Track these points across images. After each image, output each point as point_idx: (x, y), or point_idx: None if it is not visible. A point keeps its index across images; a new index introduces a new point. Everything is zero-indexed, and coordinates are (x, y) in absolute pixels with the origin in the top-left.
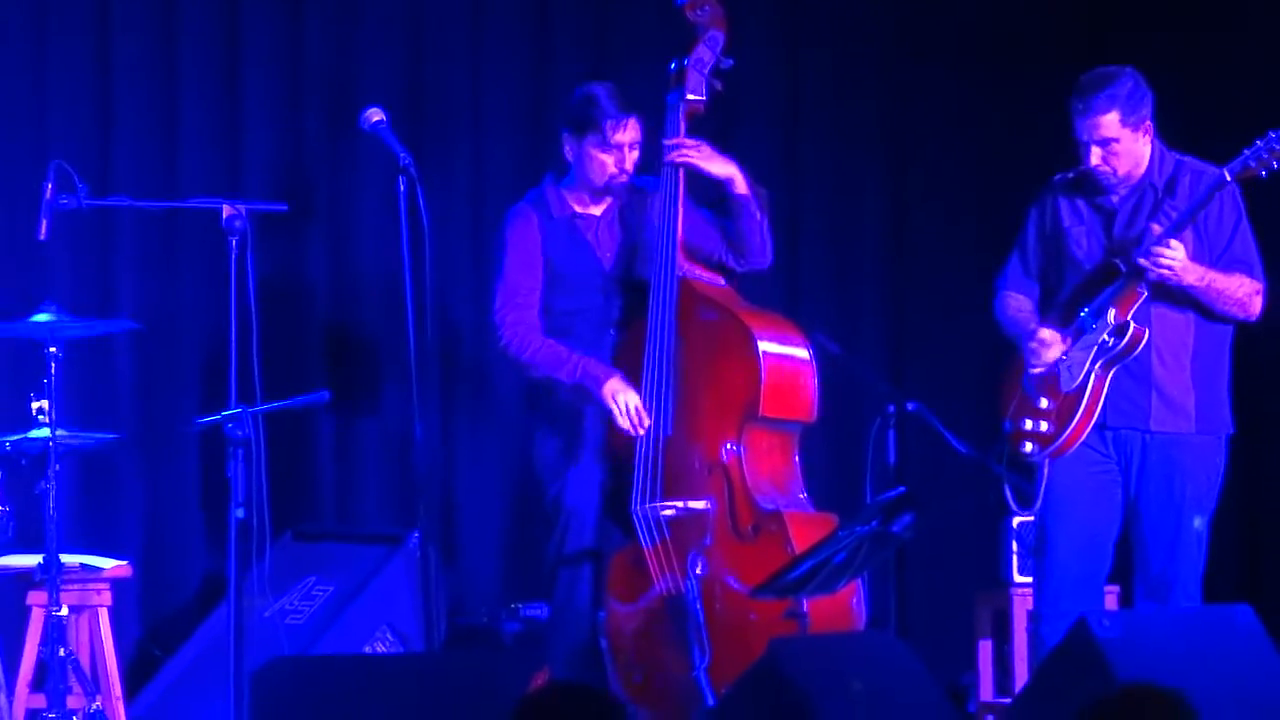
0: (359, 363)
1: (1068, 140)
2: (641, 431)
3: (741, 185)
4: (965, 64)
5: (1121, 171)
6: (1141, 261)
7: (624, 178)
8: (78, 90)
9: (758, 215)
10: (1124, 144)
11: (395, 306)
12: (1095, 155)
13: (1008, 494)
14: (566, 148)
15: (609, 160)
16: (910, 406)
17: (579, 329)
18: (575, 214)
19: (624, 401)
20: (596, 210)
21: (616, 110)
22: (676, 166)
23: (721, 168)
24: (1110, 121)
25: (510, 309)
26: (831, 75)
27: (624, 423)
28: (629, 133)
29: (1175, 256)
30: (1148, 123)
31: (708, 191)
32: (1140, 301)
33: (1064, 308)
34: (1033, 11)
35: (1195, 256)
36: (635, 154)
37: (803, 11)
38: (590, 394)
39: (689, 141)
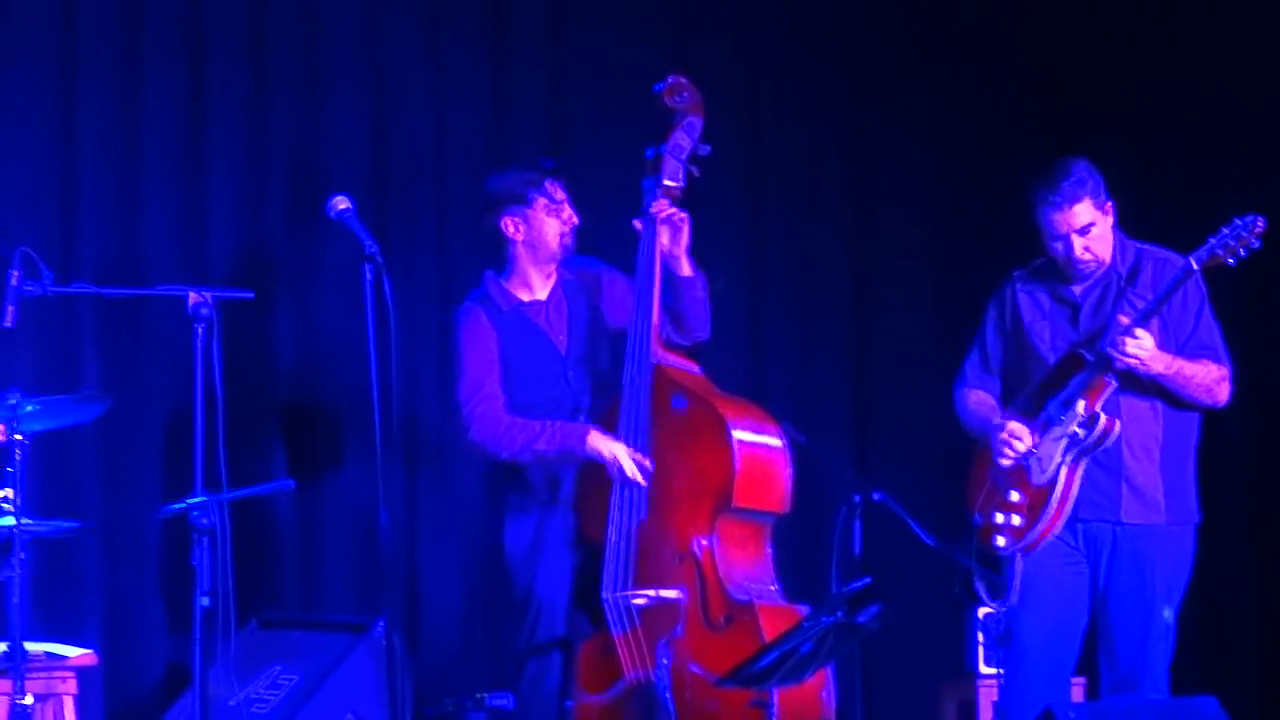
0: (324, 449)
1: (1029, 224)
2: (644, 476)
3: (688, 268)
4: (928, 145)
5: (1102, 257)
6: (1110, 351)
7: (569, 237)
8: (42, 176)
9: (699, 294)
10: (1100, 228)
11: (361, 392)
12: (1078, 246)
13: (978, 587)
14: (512, 228)
15: (557, 220)
16: (876, 496)
17: (549, 416)
18: (521, 303)
19: (609, 451)
20: (542, 295)
21: (539, 172)
22: (655, 237)
23: (683, 244)
24: (1084, 208)
25: (476, 402)
26: (793, 154)
27: (626, 475)
28: (560, 189)
29: (1144, 346)
30: (1110, 204)
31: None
32: (1109, 391)
33: (1029, 400)
34: (997, 94)
35: (1161, 344)
36: (570, 211)
37: (765, 86)
38: (574, 456)
39: (673, 210)
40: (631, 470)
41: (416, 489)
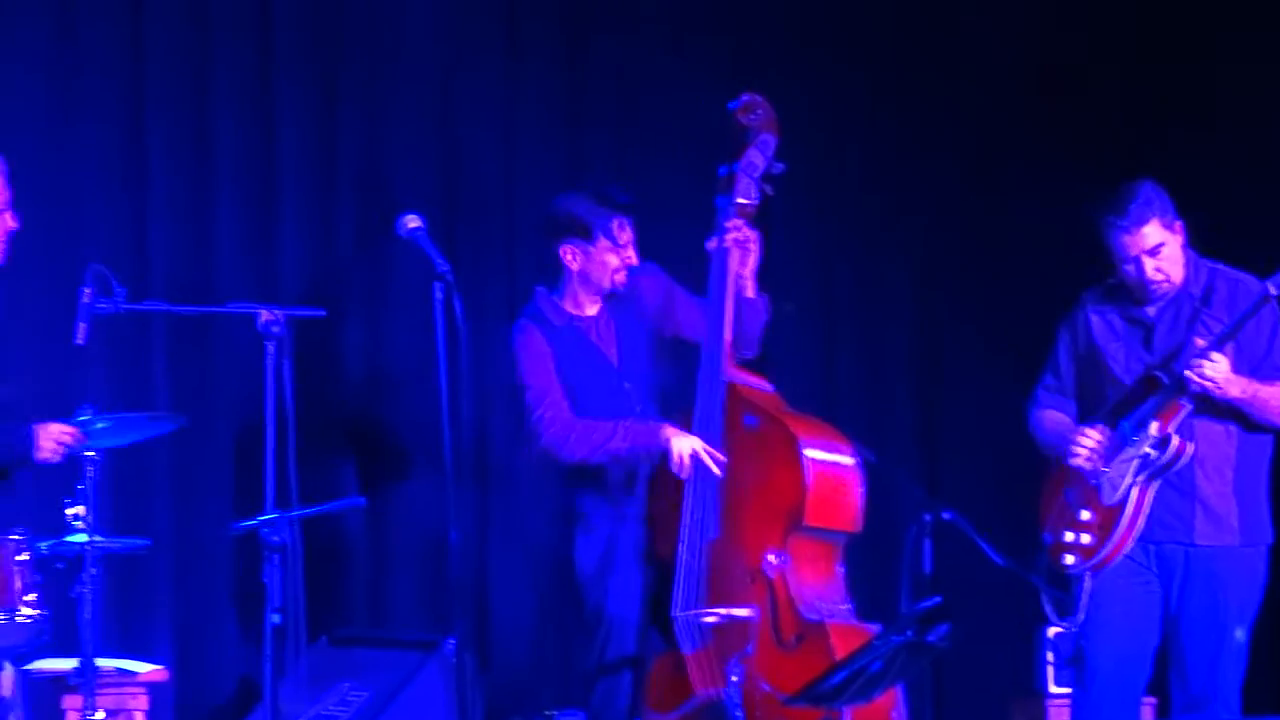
0: (394, 466)
1: (1097, 242)
2: (718, 470)
3: (752, 290)
4: (1002, 162)
5: (1175, 277)
6: (1185, 375)
7: (624, 275)
8: (115, 194)
9: (760, 316)
10: (1169, 248)
11: (431, 410)
12: (1149, 268)
13: (1046, 605)
14: (570, 256)
15: (617, 259)
16: (946, 515)
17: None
18: (573, 318)
19: (687, 448)
20: (591, 311)
21: (616, 212)
22: (727, 259)
23: (751, 267)
24: (1153, 229)
25: (545, 409)
26: (864, 175)
27: (686, 467)
28: (627, 231)
29: (1219, 370)
30: (1179, 223)
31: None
32: (1183, 414)
33: (1104, 421)
34: (1072, 114)
35: (1235, 367)
36: (632, 252)
37: (836, 106)
38: (649, 451)
39: (746, 231)
40: (708, 461)
41: (487, 506)
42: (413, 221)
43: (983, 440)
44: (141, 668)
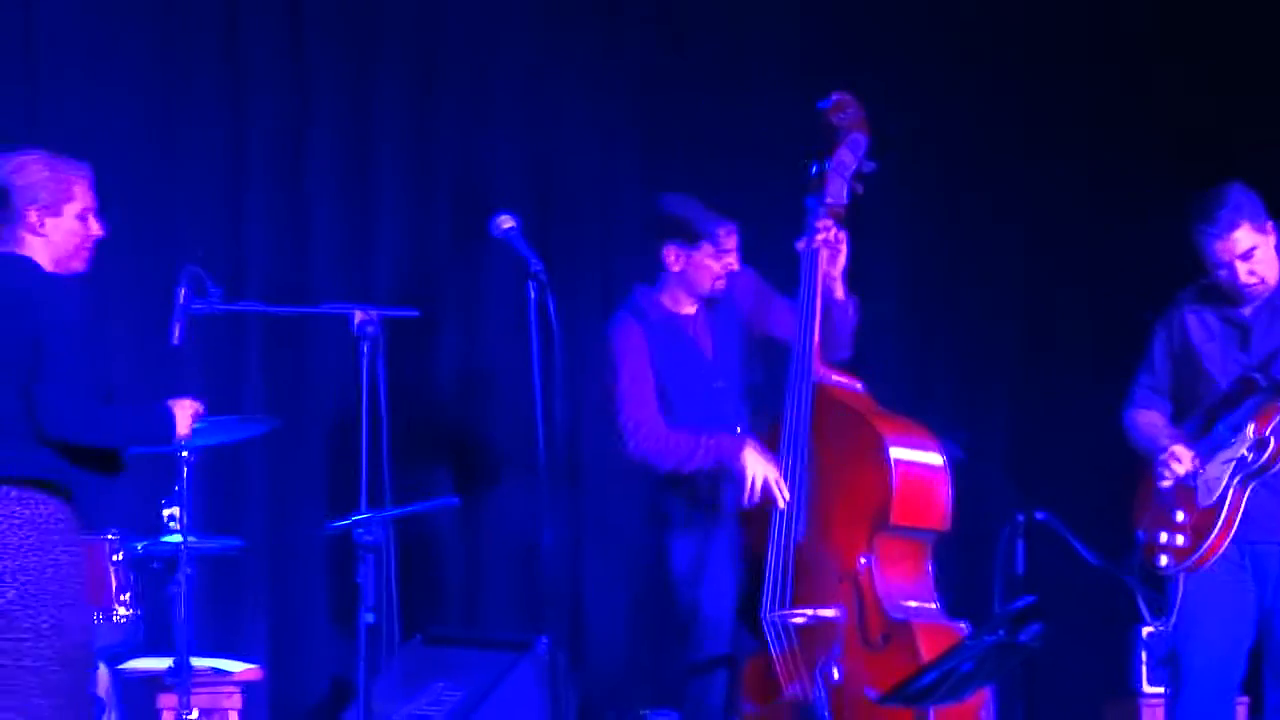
0: (488, 466)
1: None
2: (782, 504)
3: (841, 291)
4: (1099, 163)
5: (1270, 279)
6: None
7: (723, 282)
8: (210, 195)
9: (850, 317)
10: (1262, 250)
11: (524, 410)
12: (1242, 271)
13: (1141, 605)
14: (672, 257)
15: (719, 266)
16: (1039, 515)
17: (702, 420)
18: (670, 314)
19: (761, 476)
20: (689, 310)
21: (724, 219)
22: (816, 260)
23: (840, 267)
24: (1244, 233)
25: (634, 414)
26: (961, 174)
27: (754, 496)
28: (733, 238)
29: None
30: (1270, 224)
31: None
32: None
33: (1199, 422)
34: (1168, 113)
35: None
36: (735, 259)
37: (931, 105)
38: (729, 470)
39: (835, 232)
40: (775, 492)
41: (580, 506)
42: (506, 222)
43: (1078, 439)
44: (236, 667)
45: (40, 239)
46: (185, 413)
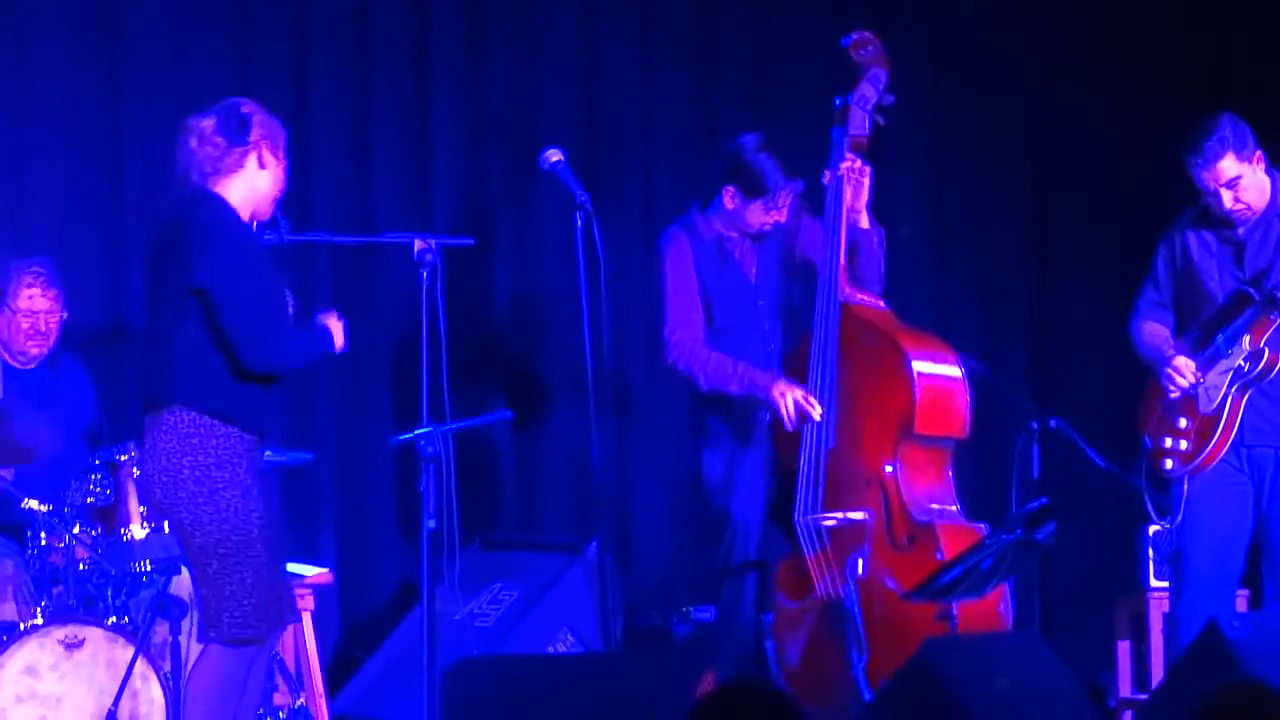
0: (540, 384)
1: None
2: (817, 416)
3: (866, 221)
4: (1107, 92)
5: (1257, 205)
6: (1274, 293)
7: (770, 228)
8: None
9: (876, 248)
10: (1247, 179)
11: (573, 332)
12: (1227, 199)
13: (1148, 505)
14: (729, 199)
15: (769, 219)
16: (1053, 423)
17: (738, 345)
18: (721, 234)
19: (791, 399)
20: (736, 235)
21: (785, 180)
22: (840, 189)
23: (864, 200)
24: (1229, 163)
25: (677, 327)
26: (976, 104)
27: (791, 418)
28: (790, 199)
29: None
30: (1258, 153)
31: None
32: (1273, 329)
33: (1199, 334)
34: (1166, 50)
35: None
36: (785, 215)
37: (946, 38)
38: (759, 399)
39: (859, 165)
40: (807, 407)
41: (626, 419)
42: (554, 156)
43: (1090, 352)
44: (308, 571)
45: (247, 179)
46: (338, 326)
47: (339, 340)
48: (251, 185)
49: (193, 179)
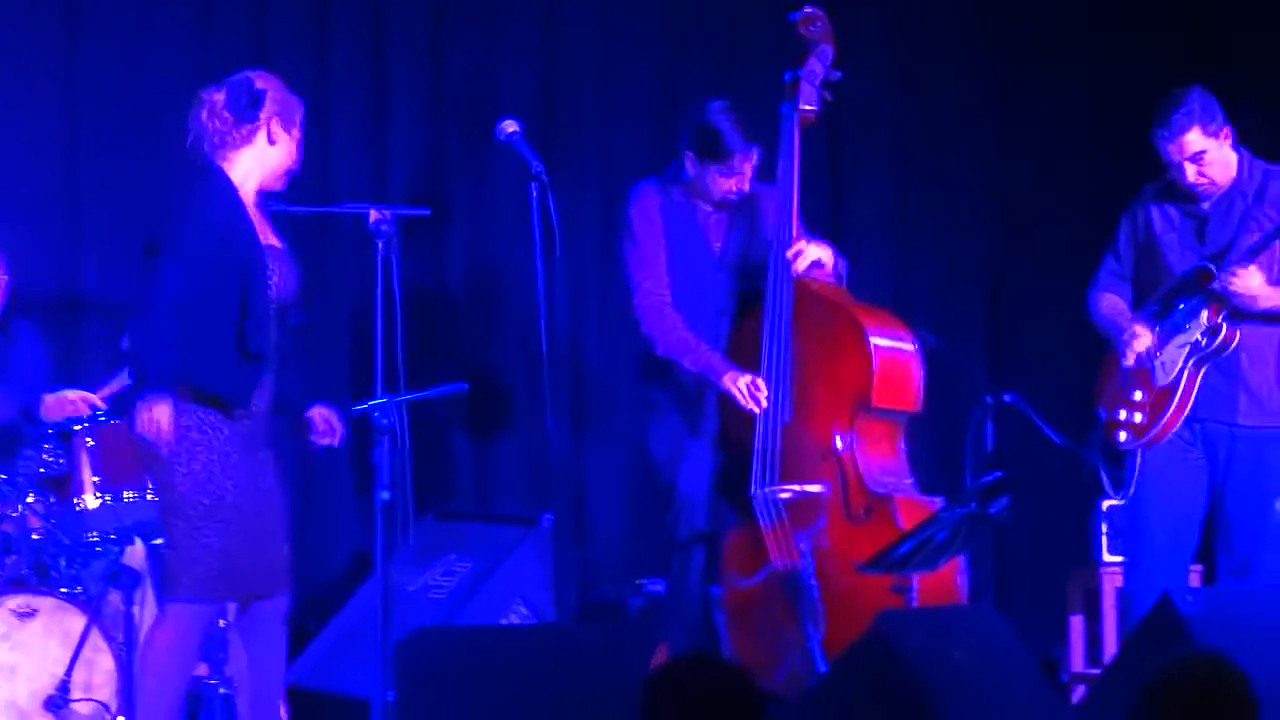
0: (495, 356)
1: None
2: (763, 404)
3: (830, 264)
4: (1073, 60)
5: (1220, 180)
6: (1220, 283)
7: (734, 197)
8: None
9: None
10: (1212, 153)
11: (528, 304)
12: (1191, 172)
13: (1103, 479)
14: (689, 165)
15: (731, 185)
16: (1007, 398)
17: (690, 313)
18: (692, 200)
19: (743, 384)
20: (707, 207)
21: (744, 144)
22: (793, 163)
23: (819, 252)
24: (1195, 137)
25: (644, 277)
26: (937, 74)
27: (748, 405)
28: (748, 164)
29: (1248, 284)
30: (1226, 129)
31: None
32: (1230, 304)
33: (1158, 306)
34: (1130, 18)
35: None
36: (750, 173)
37: (911, 17)
38: (710, 383)
39: (800, 245)
40: (750, 407)
41: (581, 393)
42: (510, 126)
43: (1045, 327)
44: None
45: (256, 153)
46: (165, 415)
47: (161, 426)
48: (260, 160)
49: (203, 150)
